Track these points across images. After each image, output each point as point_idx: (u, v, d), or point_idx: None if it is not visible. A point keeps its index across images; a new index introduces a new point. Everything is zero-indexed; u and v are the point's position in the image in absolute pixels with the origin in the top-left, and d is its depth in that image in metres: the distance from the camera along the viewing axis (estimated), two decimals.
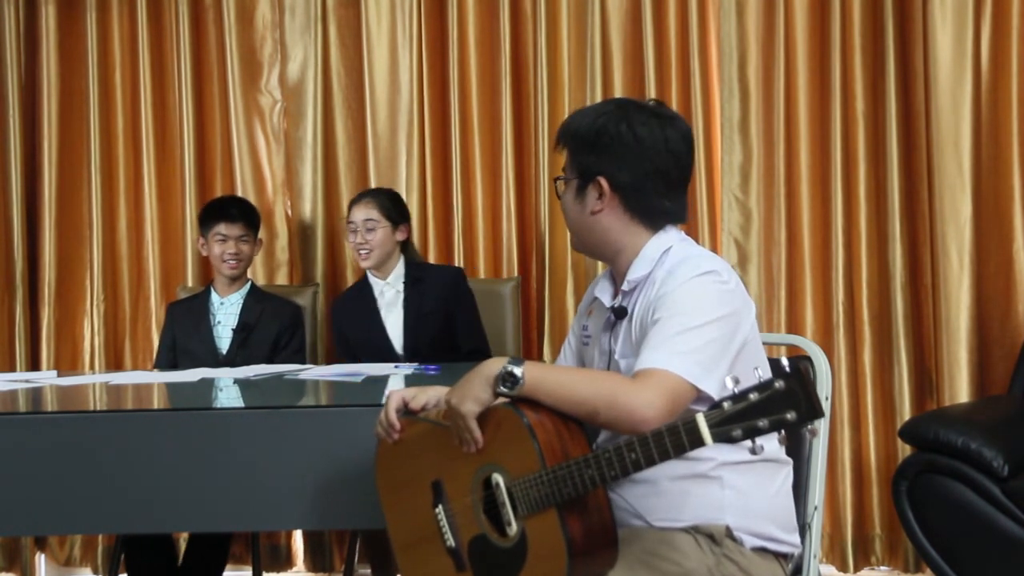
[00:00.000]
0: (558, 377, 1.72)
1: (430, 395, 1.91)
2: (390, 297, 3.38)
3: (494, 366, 1.70)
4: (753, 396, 1.46)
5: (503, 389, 1.69)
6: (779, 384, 1.45)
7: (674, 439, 1.52)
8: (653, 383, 1.66)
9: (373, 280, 3.41)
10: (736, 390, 1.48)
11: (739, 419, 1.47)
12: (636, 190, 1.86)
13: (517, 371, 1.68)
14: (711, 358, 1.71)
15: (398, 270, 3.39)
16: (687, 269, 1.79)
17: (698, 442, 1.50)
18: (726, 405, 1.48)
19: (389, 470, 1.93)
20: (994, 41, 3.48)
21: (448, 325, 3.34)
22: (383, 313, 3.37)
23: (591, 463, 1.60)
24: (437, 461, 1.83)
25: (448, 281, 3.39)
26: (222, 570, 3.28)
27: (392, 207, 3.39)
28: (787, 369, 1.45)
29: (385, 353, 3.34)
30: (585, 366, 2.04)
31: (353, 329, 3.41)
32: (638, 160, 1.84)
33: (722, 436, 1.48)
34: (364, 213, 3.35)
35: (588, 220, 1.89)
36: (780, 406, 1.45)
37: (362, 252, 3.33)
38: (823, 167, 3.57)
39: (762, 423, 1.46)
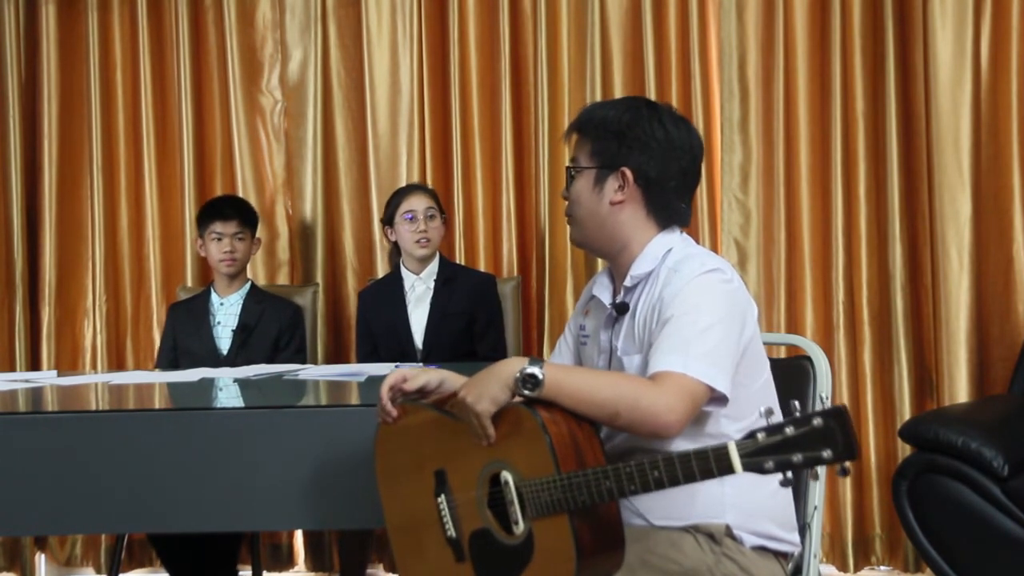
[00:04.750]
0: (578, 379, 1.72)
1: (431, 376, 1.90)
2: (420, 292, 3.40)
3: (513, 366, 1.69)
4: (789, 430, 1.45)
5: (524, 391, 1.68)
6: (817, 421, 1.43)
7: (702, 464, 1.51)
8: (672, 387, 1.67)
9: (405, 273, 3.43)
10: (770, 422, 1.47)
11: (772, 452, 1.45)
12: (660, 187, 1.87)
13: (538, 373, 1.67)
14: (723, 358, 1.72)
15: (432, 266, 3.42)
16: (692, 267, 1.79)
17: (727, 469, 1.49)
18: (760, 436, 1.46)
19: (390, 452, 1.93)
20: (994, 41, 3.48)
21: (471, 328, 3.37)
22: (410, 307, 3.40)
23: (610, 475, 1.59)
24: (442, 450, 1.83)
25: (479, 285, 3.42)
26: (236, 560, 3.31)
27: (439, 201, 3.46)
28: (827, 406, 1.44)
29: (405, 346, 3.37)
30: (584, 365, 2.04)
31: (378, 318, 3.43)
32: (667, 158, 1.86)
33: (753, 466, 1.47)
34: (424, 202, 3.38)
35: (604, 210, 1.89)
36: (816, 443, 1.44)
37: (422, 241, 3.35)
38: (823, 167, 3.57)
39: (796, 458, 1.44)
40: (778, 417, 1.49)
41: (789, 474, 1.47)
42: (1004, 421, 3.04)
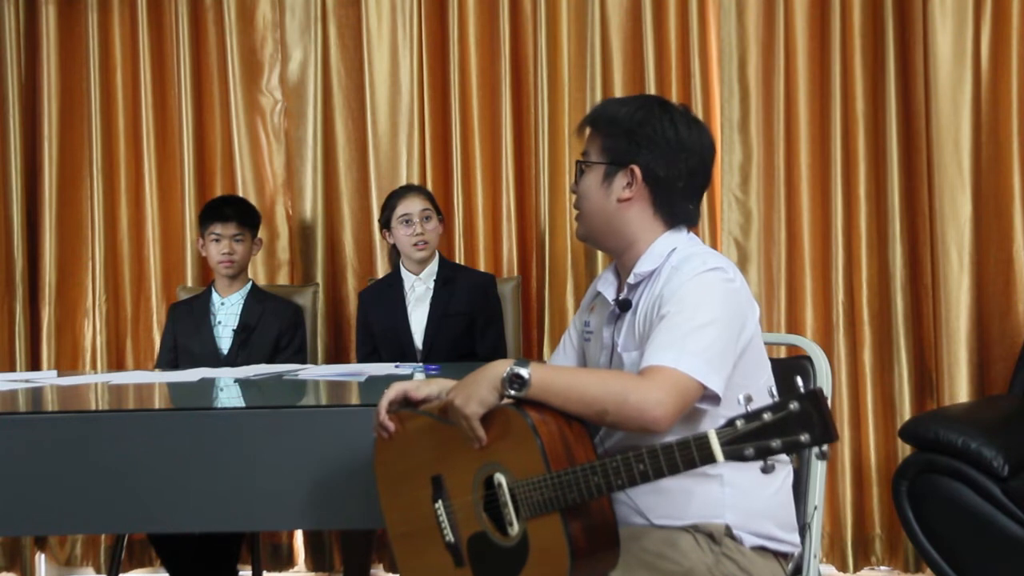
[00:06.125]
0: (566, 378, 1.72)
1: (432, 388, 1.91)
2: (420, 292, 3.41)
3: (500, 368, 1.70)
4: (767, 416, 1.45)
5: (511, 392, 1.68)
6: (794, 405, 1.44)
7: (684, 453, 1.52)
8: (662, 382, 1.66)
9: (405, 274, 3.43)
10: (749, 408, 1.47)
11: (752, 438, 1.46)
12: (668, 186, 1.87)
13: (524, 373, 1.68)
14: (718, 356, 1.72)
15: (432, 267, 3.42)
16: (694, 265, 1.80)
17: (709, 458, 1.49)
18: (739, 423, 1.47)
19: (389, 461, 1.93)
20: (994, 41, 3.48)
21: (471, 328, 3.37)
22: (410, 308, 3.40)
23: (597, 471, 1.59)
24: (438, 456, 1.83)
25: (479, 286, 3.42)
26: (236, 560, 3.31)
27: (435, 201, 3.47)
28: (802, 390, 1.44)
29: (405, 347, 3.38)
30: (587, 362, 2.04)
31: (378, 319, 3.43)
32: (676, 158, 1.86)
33: (734, 454, 1.48)
34: (420, 204, 3.38)
35: (611, 207, 1.89)
36: (794, 428, 1.44)
37: (419, 244, 3.35)
38: (823, 167, 3.57)
39: (775, 444, 1.45)
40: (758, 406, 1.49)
41: (770, 460, 1.47)
42: (1004, 421, 3.04)
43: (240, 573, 3.37)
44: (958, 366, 3.40)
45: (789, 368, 2.10)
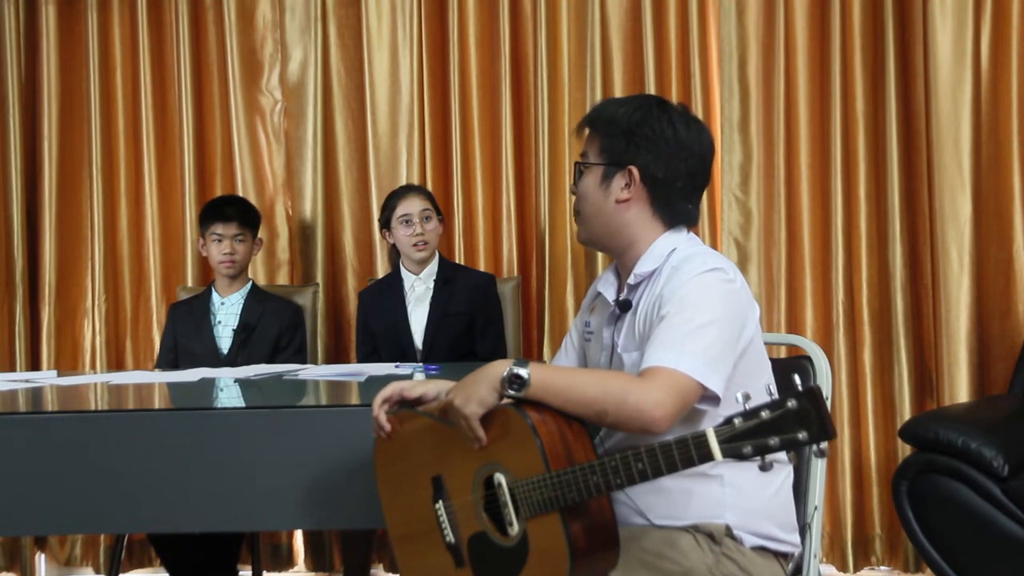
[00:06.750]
0: (565, 378, 1.72)
1: (428, 387, 1.91)
2: (420, 292, 3.41)
3: (499, 368, 1.70)
4: (765, 414, 1.45)
5: (511, 392, 1.68)
6: (791, 403, 1.44)
7: (683, 452, 1.52)
8: (662, 382, 1.66)
9: (405, 274, 3.43)
10: (747, 407, 1.47)
11: (750, 436, 1.46)
12: (666, 187, 1.87)
13: (523, 373, 1.68)
14: (717, 356, 1.72)
15: (432, 267, 3.42)
16: (694, 265, 1.80)
17: (707, 456, 1.49)
18: (737, 421, 1.47)
19: (389, 462, 1.93)
20: (994, 41, 3.48)
21: (471, 328, 3.38)
22: (410, 308, 3.41)
23: (596, 470, 1.59)
24: (438, 456, 1.83)
25: (479, 286, 3.42)
26: (236, 560, 3.31)
27: (435, 201, 3.46)
28: (800, 388, 1.44)
29: (405, 347, 3.38)
30: (588, 362, 2.04)
31: (378, 319, 3.44)
32: (674, 158, 1.86)
33: (732, 452, 1.48)
34: (420, 204, 3.38)
35: (610, 208, 1.89)
36: (792, 425, 1.44)
37: (419, 244, 3.35)
38: (823, 167, 3.57)
39: (773, 441, 1.45)
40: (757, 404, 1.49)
41: (768, 459, 1.47)
42: (1004, 421, 3.04)
43: (240, 573, 3.37)
44: (958, 366, 3.40)
45: (789, 368, 2.10)
